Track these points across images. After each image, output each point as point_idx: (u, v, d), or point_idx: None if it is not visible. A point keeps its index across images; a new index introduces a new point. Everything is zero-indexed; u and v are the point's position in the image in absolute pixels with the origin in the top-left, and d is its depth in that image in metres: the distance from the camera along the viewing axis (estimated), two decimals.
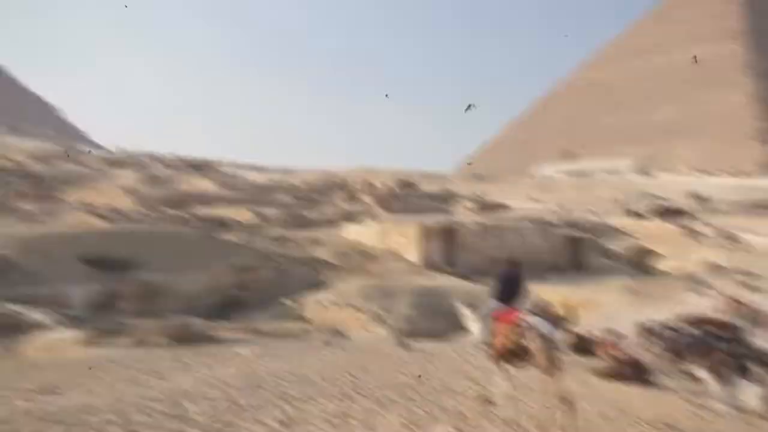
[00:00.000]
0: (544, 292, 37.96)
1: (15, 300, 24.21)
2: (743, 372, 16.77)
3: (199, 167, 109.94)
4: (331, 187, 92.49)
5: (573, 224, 57.98)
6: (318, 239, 47.04)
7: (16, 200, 52.30)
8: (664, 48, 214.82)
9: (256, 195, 72.61)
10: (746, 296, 31.92)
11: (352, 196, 79.04)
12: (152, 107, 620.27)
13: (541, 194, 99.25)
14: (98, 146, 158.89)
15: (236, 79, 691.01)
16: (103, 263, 29.64)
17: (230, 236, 44.39)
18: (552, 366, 9.33)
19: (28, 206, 49.50)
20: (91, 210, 49.01)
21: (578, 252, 50.16)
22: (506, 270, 11.12)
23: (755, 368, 16.72)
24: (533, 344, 9.47)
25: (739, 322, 27.44)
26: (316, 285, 35.41)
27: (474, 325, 11.24)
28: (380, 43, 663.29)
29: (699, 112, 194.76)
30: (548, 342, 9.42)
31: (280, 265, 37.31)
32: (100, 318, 24.76)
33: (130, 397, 12.57)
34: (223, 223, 51.60)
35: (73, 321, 23.76)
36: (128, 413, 10.98)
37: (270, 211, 58.08)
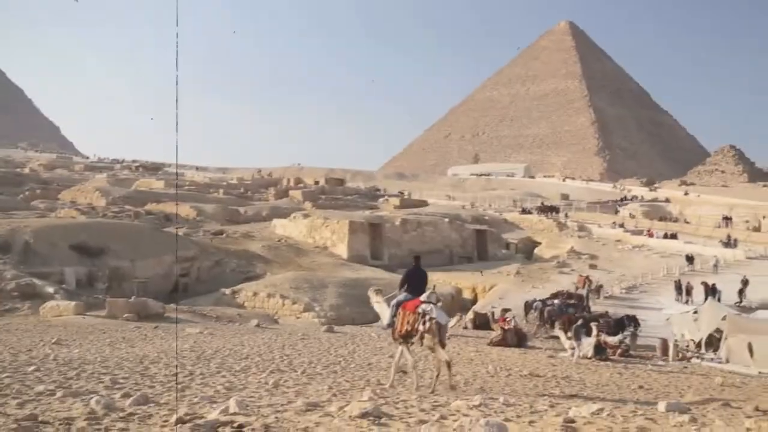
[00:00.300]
0: (457, 279, 38.95)
1: (34, 275, 28.11)
2: (585, 329, 20.58)
3: (152, 169, 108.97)
4: (264, 184, 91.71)
5: (479, 219, 59.03)
6: (251, 234, 46.44)
7: (32, 199, 60.50)
8: (535, 79, 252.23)
9: (197, 193, 71.84)
10: (591, 273, 38.46)
11: (283, 193, 78.44)
12: (122, 119, 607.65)
13: (454, 192, 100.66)
14: (84, 156, 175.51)
15: (185, 94, 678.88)
16: (84, 249, 31.70)
17: (175, 230, 43.84)
18: (439, 343, 10.30)
19: (40, 204, 56.01)
20: (76, 207, 53.10)
21: (483, 243, 51.24)
22: (413, 267, 11.70)
23: (591, 326, 20.78)
24: (424, 327, 10.31)
25: (584, 293, 31.35)
26: (250, 276, 35.37)
27: (383, 311, 11.72)
28: (313, 50, 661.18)
29: (561, 130, 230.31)
30: (438, 325, 10.27)
31: (217, 256, 37.11)
32: (84, 293, 27.94)
33: (110, 356, 13.90)
34: (168, 218, 50.92)
35: (70, 294, 27.16)
36: (111, 368, 11.90)
37: (208, 207, 57.25)
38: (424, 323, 10.28)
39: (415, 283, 11.18)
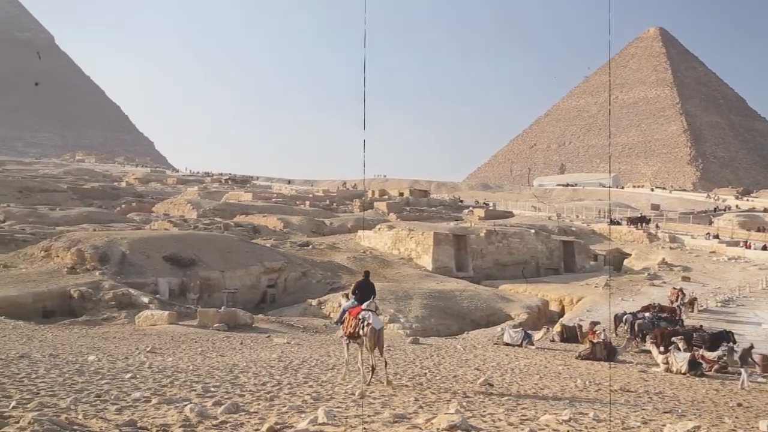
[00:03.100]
0: (544, 291, 38.34)
1: (130, 285, 28.95)
2: (678, 343, 20.30)
3: (241, 182, 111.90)
4: (349, 196, 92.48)
5: (566, 230, 58.02)
6: (336, 245, 46.83)
7: (128, 212, 62.90)
8: (624, 87, 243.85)
9: (284, 205, 73.11)
10: (684, 286, 36.81)
11: (367, 205, 78.87)
12: (215, 135, 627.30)
13: (540, 203, 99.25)
14: (176, 169, 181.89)
15: (269, 108, 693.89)
16: (176, 260, 32.61)
17: (262, 241, 44.69)
18: (374, 344, 12.09)
19: (135, 216, 58.53)
20: (169, 219, 54.70)
21: (570, 255, 50.29)
22: (363, 280, 13.37)
23: (681, 340, 20.62)
24: (363, 331, 12.20)
25: (677, 306, 29.97)
26: (335, 287, 35.67)
27: (340, 311, 13.44)
28: (395, 63, 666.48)
29: (651, 139, 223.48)
30: (375, 330, 12.09)
31: (304, 267, 37.52)
32: (177, 303, 28.77)
33: (202, 365, 14.39)
34: (256, 230, 51.97)
35: (163, 304, 27.87)
36: (203, 376, 12.23)
37: (295, 219, 58.17)
38: (362, 328, 12.20)
39: (362, 292, 12.94)
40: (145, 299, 27.54)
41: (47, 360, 13.36)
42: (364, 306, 12.49)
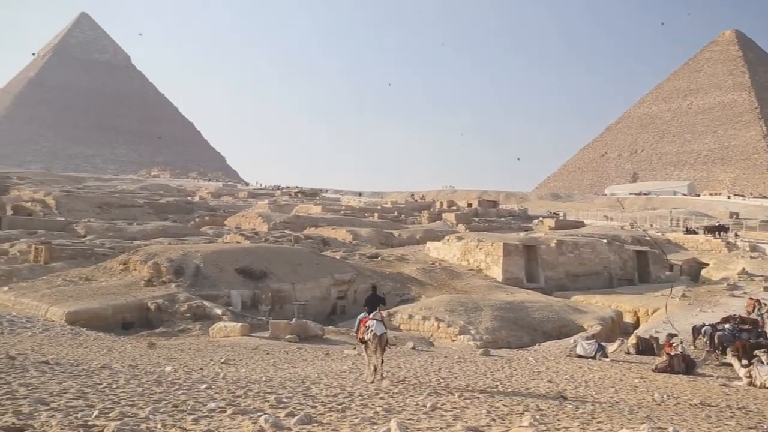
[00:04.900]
0: (618, 302, 37.53)
1: (204, 297, 29.42)
2: (761, 356, 19.01)
3: (310, 195, 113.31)
4: (417, 207, 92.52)
5: (639, 240, 56.74)
6: (405, 257, 46.79)
7: (202, 225, 65.39)
8: (698, 92, 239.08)
9: (353, 217, 73.63)
10: (765, 297, 34.94)
11: (436, 216, 78.74)
12: (285, 149, 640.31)
13: (612, 212, 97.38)
14: (247, 183, 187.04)
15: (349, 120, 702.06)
16: (248, 273, 32.95)
17: (332, 253, 45.02)
18: (378, 349, 14.08)
19: (208, 230, 60.32)
20: (241, 232, 55.95)
21: (645, 265, 49.12)
22: (371, 294, 15.52)
23: (764, 353, 19.18)
24: (368, 336, 14.20)
25: (758, 317, 28.52)
26: (405, 298, 35.66)
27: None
28: (463, 75, 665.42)
29: (728, 145, 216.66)
30: (377, 336, 13.99)
31: (373, 279, 37.55)
32: (249, 315, 29.11)
33: (274, 376, 14.70)
34: (326, 242, 52.45)
35: (236, 315, 28.29)
36: (275, 387, 12.39)
37: (364, 231, 58.46)
38: (367, 334, 14.25)
39: (371, 304, 15.02)
40: (219, 311, 28.03)
41: (127, 370, 13.75)
42: (371, 316, 14.55)
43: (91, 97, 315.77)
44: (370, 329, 14.20)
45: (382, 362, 14.44)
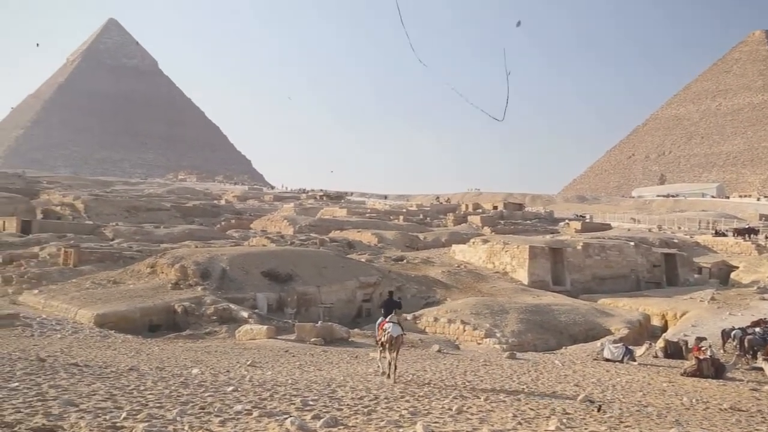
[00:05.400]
0: (645, 305, 37.13)
1: (230, 300, 29.56)
2: None
3: (335, 198, 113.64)
4: (442, 210, 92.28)
5: (667, 242, 56.17)
6: (431, 259, 46.68)
7: (228, 229, 65.44)
8: (727, 93, 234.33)
9: (378, 220, 73.64)
10: None
11: (461, 219, 78.50)
12: (310, 152, 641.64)
13: (639, 215, 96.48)
14: (272, 187, 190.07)
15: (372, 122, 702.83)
16: (274, 276, 33.12)
17: (357, 256, 45.07)
18: (393, 349, 14.92)
19: (234, 233, 60.33)
20: (266, 235, 56.09)
21: (673, 268, 48.57)
22: (387, 298, 16.92)
23: None
24: (384, 338, 15.11)
25: None
26: (430, 301, 35.56)
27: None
28: (485, 77, 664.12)
29: (758, 146, 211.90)
30: (393, 337, 14.86)
31: (398, 282, 37.48)
32: (275, 317, 29.14)
33: (300, 379, 14.79)
34: (351, 245, 52.49)
35: (262, 318, 28.40)
36: (301, 390, 12.47)
37: (389, 234, 58.42)
38: (385, 336, 15.14)
39: (387, 309, 15.94)
40: (245, 314, 28.15)
41: (154, 373, 13.88)
42: (387, 319, 15.41)
43: (119, 102, 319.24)
44: (386, 332, 15.09)
45: (395, 367, 15.06)
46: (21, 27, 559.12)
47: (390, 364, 14.97)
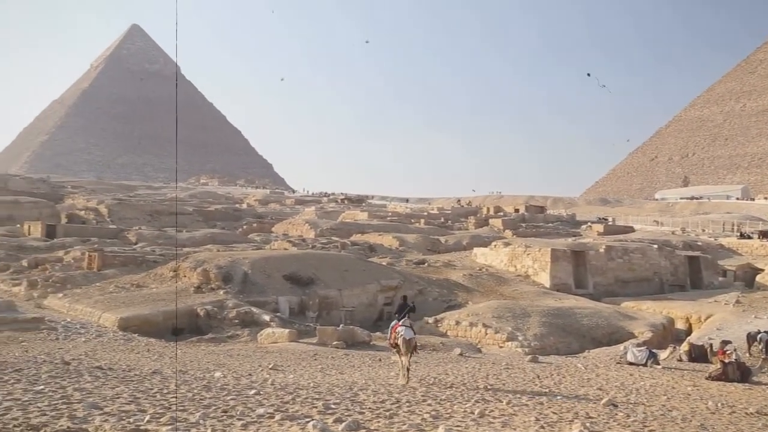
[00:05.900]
0: (669, 308, 36.80)
1: (252, 303, 29.78)
2: None
3: (356, 201, 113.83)
4: (463, 213, 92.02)
5: (691, 245, 55.64)
6: (452, 263, 46.55)
7: (249, 232, 65.63)
8: (752, 94, 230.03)
9: (399, 223, 73.57)
10: None
11: (483, 222, 78.26)
12: (332, 155, 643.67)
13: (662, 217, 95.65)
14: (293, 190, 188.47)
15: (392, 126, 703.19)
16: (296, 279, 33.29)
17: (378, 259, 45.05)
18: (407, 352, 15.03)
19: (256, 237, 61.00)
20: (288, 239, 56.13)
21: (696, 270, 48.11)
22: (401, 302, 17.07)
23: None
24: (398, 341, 15.20)
25: None
26: (452, 304, 35.48)
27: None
28: (504, 79, 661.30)
29: None
30: (406, 340, 15.00)
31: (420, 285, 37.45)
32: (297, 321, 29.29)
33: (322, 382, 14.75)
34: (372, 248, 52.50)
35: (283, 322, 28.45)
36: (323, 393, 12.43)
37: (410, 237, 58.36)
38: (397, 338, 15.32)
39: (401, 312, 16.22)
40: (267, 317, 28.25)
41: (177, 376, 13.96)
42: (401, 322, 15.62)
43: (142, 107, 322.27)
44: (400, 335, 15.24)
45: (408, 369, 15.21)
46: (47, 35, 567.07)
47: (402, 366, 15.10)
